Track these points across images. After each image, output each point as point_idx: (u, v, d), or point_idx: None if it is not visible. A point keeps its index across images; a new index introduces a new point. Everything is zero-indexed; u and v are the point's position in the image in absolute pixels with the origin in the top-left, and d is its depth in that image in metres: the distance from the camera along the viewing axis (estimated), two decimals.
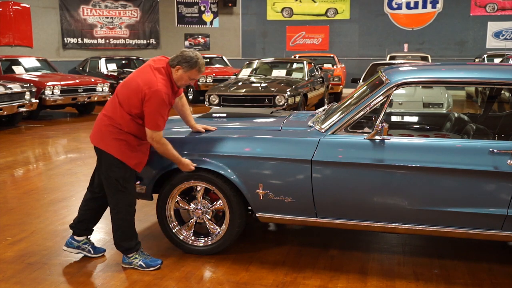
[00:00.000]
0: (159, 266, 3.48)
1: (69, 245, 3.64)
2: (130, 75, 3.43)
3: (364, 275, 3.37)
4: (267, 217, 3.55)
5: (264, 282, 3.28)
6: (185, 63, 3.29)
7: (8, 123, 10.10)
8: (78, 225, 3.62)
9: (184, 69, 3.30)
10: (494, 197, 3.14)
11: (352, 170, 3.29)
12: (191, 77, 3.35)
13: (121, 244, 3.47)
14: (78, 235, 3.63)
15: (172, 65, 3.33)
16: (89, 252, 3.65)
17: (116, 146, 3.30)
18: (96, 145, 3.39)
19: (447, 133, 4.43)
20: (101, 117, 3.39)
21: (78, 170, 6.44)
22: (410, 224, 3.30)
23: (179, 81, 3.36)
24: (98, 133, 3.38)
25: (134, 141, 3.34)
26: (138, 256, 3.48)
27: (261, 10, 19.95)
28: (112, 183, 3.36)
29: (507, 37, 18.01)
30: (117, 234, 3.46)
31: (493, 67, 4.60)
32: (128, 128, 3.30)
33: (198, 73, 3.36)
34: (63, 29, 17.72)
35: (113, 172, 3.34)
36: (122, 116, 3.29)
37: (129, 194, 3.41)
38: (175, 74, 3.33)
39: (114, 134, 3.30)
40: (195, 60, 3.30)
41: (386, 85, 3.35)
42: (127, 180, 3.37)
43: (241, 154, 3.46)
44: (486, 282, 3.28)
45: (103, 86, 11.82)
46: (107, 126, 3.33)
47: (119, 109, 3.30)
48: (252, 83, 10.09)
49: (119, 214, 3.41)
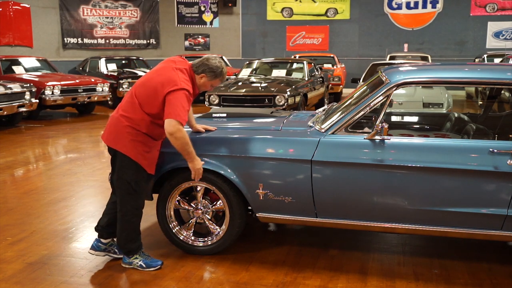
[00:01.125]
0: (159, 266, 3.48)
1: (96, 248, 3.60)
2: (148, 75, 3.39)
3: (364, 275, 3.37)
4: (267, 217, 3.55)
5: (264, 282, 3.28)
6: (211, 73, 3.35)
7: (8, 123, 10.10)
8: (106, 228, 3.57)
9: (209, 78, 3.37)
10: (494, 197, 3.14)
11: (352, 170, 3.29)
12: (214, 85, 3.46)
13: (125, 246, 3.46)
14: (104, 237, 3.60)
15: (196, 71, 3.36)
16: (115, 253, 3.63)
17: (132, 147, 3.28)
18: (112, 146, 3.36)
19: (447, 133, 4.43)
20: (118, 117, 3.34)
21: (78, 170, 6.44)
22: (410, 224, 3.30)
23: (201, 87, 3.43)
24: (114, 133, 3.34)
25: (149, 142, 3.33)
26: (139, 256, 3.48)
27: (261, 10, 19.95)
28: (123, 185, 3.35)
29: (507, 37, 18.01)
30: (122, 236, 3.45)
31: (493, 67, 4.59)
32: (147, 129, 3.29)
33: (220, 82, 3.47)
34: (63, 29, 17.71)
35: (125, 174, 3.33)
36: (142, 117, 3.27)
37: (138, 197, 3.39)
38: (199, 81, 3.38)
39: (132, 136, 3.28)
40: (220, 70, 3.37)
41: (386, 85, 3.35)
42: (138, 183, 3.36)
43: (241, 154, 3.46)
44: (486, 282, 3.28)
45: (103, 86, 11.82)
46: (125, 127, 3.29)
47: (139, 110, 3.28)
48: (252, 83, 10.09)
49: (126, 216, 3.40)
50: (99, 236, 3.61)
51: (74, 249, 3.88)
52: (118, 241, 3.50)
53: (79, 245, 3.95)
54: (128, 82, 12.80)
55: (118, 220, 3.45)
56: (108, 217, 3.57)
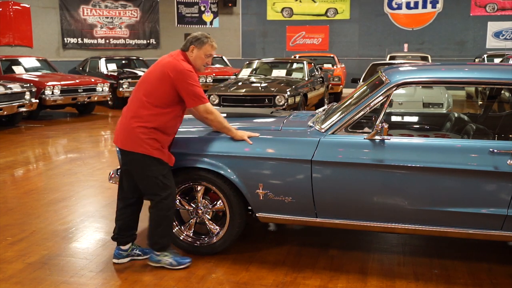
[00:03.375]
0: (188, 263, 3.48)
1: (118, 257, 3.58)
2: (148, 71, 3.46)
3: (364, 275, 3.37)
4: (267, 217, 3.55)
5: (264, 282, 3.28)
6: (197, 41, 3.39)
7: (8, 123, 10.10)
8: (121, 234, 3.56)
9: (197, 47, 3.39)
10: (494, 197, 3.14)
11: (352, 170, 3.29)
12: (206, 53, 3.41)
13: (159, 242, 3.44)
14: (123, 244, 3.58)
15: (185, 49, 3.41)
16: (139, 256, 3.61)
17: (148, 145, 3.28)
18: (128, 149, 3.33)
19: (447, 133, 4.44)
20: (128, 120, 3.34)
21: (78, 170, 6.44)
22: (410, 224, 3.30)
23: (197, 62, 3.41)
24: (128, 137, 3.32)
25: (162, 138, 3.34)
26: (169, 253, 3.47)
27: (261, 10, 19.95)
28: (152, 182, 3.34)
29: (507, 37, 18.01)
30: (156, 231, 3.43)
31: (493, 67, 4.59)
32: (158, 123, 3.29)
33: (212, 48, 3.43)
34: (63, 29, 17.71)
35: (151, 171, 3.32)
36: (151, 111, 3.28)
37: (170, 189, 3.38)
38: (191, 56, 3.40)
39: (146, 134, 3.28)
40: (205, 36, 3.41)
41: (386, 85, 3.35)
42: (166, 176, 3.36)
43: (241, 154, 3.46)
44: (486, 282, 3.28)
45: (103, 86, 11.82)
46: (137, 128, 3.29)
47: (146, 105, 3.29)
48: (252, 83, 10.09)
49: (162, 211, 3.38)
50: (118, 244, 3.59)
51: (74, 249, 3.88)
52: (152, 238, 3.46)
53: (79, 245, 3.95)
54: (128, 82, 12.80)
55: (152, 218, 3.42)
56: (119, 223, 3.56)
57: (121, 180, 3.54)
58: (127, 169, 3.44)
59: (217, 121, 3.42)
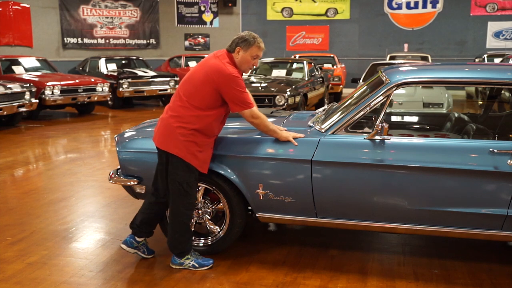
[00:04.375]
0: (211, 265, 3.48)
1: (129, 244, 3.58)
2: (192, 70, 3.39)
3: (364, 275, 3.37)
4: (267, 217, 3.55)
5: (264, 282, 3.28)
6: (243, 42, 3.30)
7: (8, 123, 10.10)
8: (142, 227, 3.55)
9: (244, 49, 3.30)
10: (494, 197, 3.14)
11: (352, 170, 3.29)
12: (253, 55, 3.32)
13: (177, 247, 3.44)
14: (139, 236, 3.58)
15: (231, 50, 3.33)
16: (144, 253, 3.62)
17: (184, 148, 3.25)
18: (164, 149, 3.31)
19: (447, 133, 4.43)
20: (168, 119, 3.31)
21: (78, 170, 6.44)
22: (410, 224, 3.30)
23: (243, 65, 3.34)
24: (166, 136, 3.30)
25: (202, 140, 3.29)
26: (190, 256, 3.46)
27: (261, 10, 19.94)
28: (175, 187, 3.32)
29: (507, 37, 18.01)
30: (174, 237, 3.43)
31: (493, 67, 4.59)
32: (199, 125, 3.24)
33: (259, 49, 3.33)
34: (63, 29, 17.71)
35: (177, 176, 3.30)
36: (192, 113, 3.24)
37: (189, 198, 3.35)
38: (237, 58, 3.32)
39: (185, 136, 3.24)
40: (252, 36, 3.31)
41: (386, 85, 3.35)
42: (190, 185, 3.32)
43: (241, 154, 3.46)
44: (486, 282, 3.28)
45: (103, 86, 11.82)
46: (176, 128, 3.26)
47: (188, 106, 3.25)
48: (252, 83, 10.09)
49: (178, 217, 3.37)
50: (133, 233, 3.58)
51: (74, 249, 3.88)
52: (170, 243, 3.47)
53: (79, 245, 3.95)
54: (128, 82, 12.79)
55: (170, 222, 3.44)
56: (142, 216, 3.55)
57: (156, 178, 3.49)
58: (162, 169, 3.40)
59: (263, 125, 3.34)
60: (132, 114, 12.39)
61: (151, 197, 3.54)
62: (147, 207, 3.56)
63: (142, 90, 12.94)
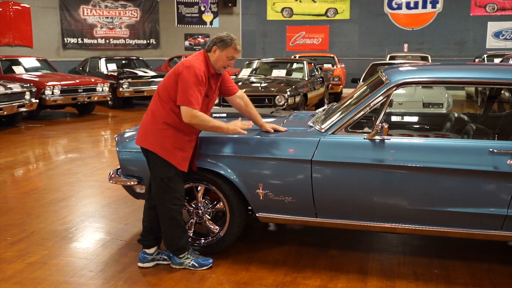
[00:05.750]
0: (211, 265, 3.47)
1: (143, 261, 3.53)
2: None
3: (364, 275, 3.37)
4: (267, 217, 3.55)
5: (264, 282, 3.28)
6: (220, 42, 3.31)
7: (8, 123, 10.10)
8: (146, 236, 3.53)
9: (220, 48, 3.31)
10: (494, 197, 3.14)
11: (352, 170, 3.29)
12: (228, 55, 3.33)
13: (172, 244, 3.43)
14: (148, 247, 3.53)
15: (208, 49, 3.35)
16: (165, 260, 3.55)
17: (159, 143, 3.26)
18: (140, 145, 3.35)
19: (447, 133, 4.43)
20: (146, 117, 3.36)
21: (78, 170, 6.44)
22: (410, 224, 3.30)
23: (217, 63, 3.33)
24: (142, 132, 3.34)
25: (178, 136, 3.27)
26: (190, 256, 3.45)
27: (261, 10, 19.94)
28: (157, 183, 3.32)
29: (507, 37, 18.00)
30: (167, 234, 3.42)
31: (493, 67, 4.59)
32: (170, 118, 3.24)
33: (235, 51, 3.34)
34: (63, 29, 17.72)
35: (157, 171, 3.30)
36: (163, 107, 3.26)
37: (174, 193, 3.33)
38: (213, 57, 3.33)
39: (159, 131, 3.26)
40: (229, 38, 3.33)
41: (386, 85, 3.35)
42: (172, 179, 3.30)
43: (241, 154, 3.46)
44: (486, 282, 3.28)
45: (103, 86, 11.82)
46: (151, 123, 3.30)
47: (162, 102, 3.28)
48: (252, 83, 10.09)
49: (166, 214, 3.36)
50: (143, 247, 3.55)
51: (74, 249, 3.88)
52: (165, 242, 3.46)
53: (79, 245, 3.95)
54: (128, 82, 12.79)
55: (160, 221, 3.42)
56: (145, 225, 3.54)
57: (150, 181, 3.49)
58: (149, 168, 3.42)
59: (203, 124, 3.24)
60: (132, 114, 12.39)
61: (147, 203, 3.54)
62: (145, 215, 3.55)
63: (142, 90, 12.94)
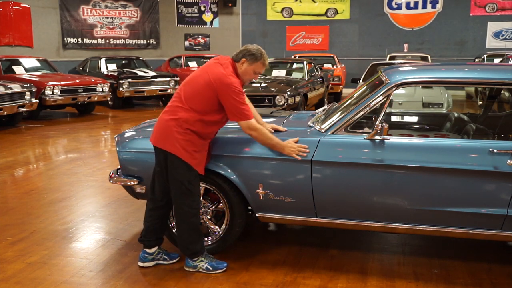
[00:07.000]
0: (225, 268, 3.45)
1: (144, 260, 3.53)
2: (194, 73, 3.40)
3: (364, 275, 3.37)
4: (267, 217, 3.55)
5: (264, 282, 3.28)
6: (250, 56, 3.31)
7: (8, 123, 10.10)
8: (147, 236, 3.52)
9: (249, 62, 3.31)
10: (494, 197, 3.14)
11: (352, 170, 3.29)
12: (256, 70, 3.35)
13: (187, 247, 3.41)
14: (149, 247, 3.53)
15: (236, 59, 3.34)
16: (165, 260, 3.56)
17: (181, 147, 3.24)
18: (161, 147, 3.31)
19: (447, 133, 4.44)
20: (166, 119, 3.31)
21: (78, 170, 6.44)
22: (410, 224, 3.30)
23: (244, 76, 3.36)
24: (164, 135, 3.30)
25: (198, 140, 3.29)
26: (204, 259, 3.44)
27: (261, 10, 19.94)
28: (177, 186, 3.31)
29: (507, 37, 18.01)
30: (182, 238, 3.41)
31: (493, 67, 4.59)
32: (195, 127, 3.25)
33: (263, 66, 3.36)
34: (63, 29, 17.69)
35: (178, 174, 3.29)
36: (190, 115, 3.24)
37: (193, 196, 3.33)
38: (240, 68, 3.33)
39: (181, 135, 3.24)
40: (260, 52, 3.33)
41: (386, 85, 3.35)
42: (191, 182, 3.31)
43: (241, 154, 3.46)
44: (486, 282, 3.28)
45: (103, 86, 11.82)
46: (173, 126, 3.26)
47: (186, 108, 3.26)
48: (252, 83, 10.08)
49: (183, 217, 3.35)
50: (144, 247, 3.55)
51: (74, 249, 3.88)
52: (180, 245, 3.45)
53: (79, 245, 3.95)
54: (128, 82, 12.79)
55: (176, 223, 3.43)
56: (145, 226, 3.53)
57: (153, 181, 3.47)
58: (160, 170, 3.39)
59: (261, 139, 3.32)
60: (132, 114, 12.39)
61: (149, 203, 3.53)
62: (147, 215, 3.53)
63: (142, 90, 12.95)
